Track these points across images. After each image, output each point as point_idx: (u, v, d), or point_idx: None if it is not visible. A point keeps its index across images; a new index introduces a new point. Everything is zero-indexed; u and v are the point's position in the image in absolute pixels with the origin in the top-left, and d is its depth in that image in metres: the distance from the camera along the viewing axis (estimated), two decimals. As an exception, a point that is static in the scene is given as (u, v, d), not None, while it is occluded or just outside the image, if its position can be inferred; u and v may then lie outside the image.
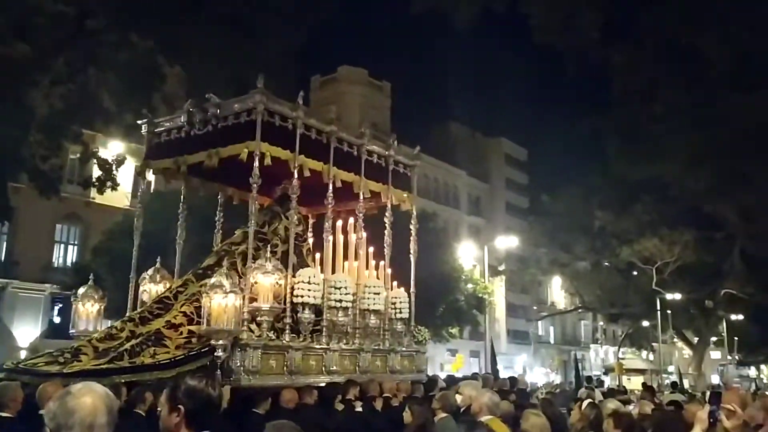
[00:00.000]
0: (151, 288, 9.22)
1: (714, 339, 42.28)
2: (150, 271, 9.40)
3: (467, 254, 33.01)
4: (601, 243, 33.99)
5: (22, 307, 29.56)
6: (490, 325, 35.87)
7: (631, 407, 9.17)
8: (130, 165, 29.05)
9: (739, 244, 30.82)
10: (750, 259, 30.97)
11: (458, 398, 6.38)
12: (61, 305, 30.83)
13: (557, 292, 56.47)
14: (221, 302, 6.84)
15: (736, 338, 43.02)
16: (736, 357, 45.87)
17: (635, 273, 33.70)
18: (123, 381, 6.49)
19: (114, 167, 19.76)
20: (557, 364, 56.23)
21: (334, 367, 8.16)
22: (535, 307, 55.24)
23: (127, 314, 8.64)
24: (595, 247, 34.37)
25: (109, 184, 19.81)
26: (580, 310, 46.06)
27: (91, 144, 20.47)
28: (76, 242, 32.37)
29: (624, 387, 21.80)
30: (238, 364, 6.94)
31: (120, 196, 28.60)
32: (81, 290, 8.94)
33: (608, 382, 32.19)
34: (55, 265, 31.39)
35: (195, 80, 18.88)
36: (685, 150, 26.67)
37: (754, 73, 23.36)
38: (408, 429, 6.00)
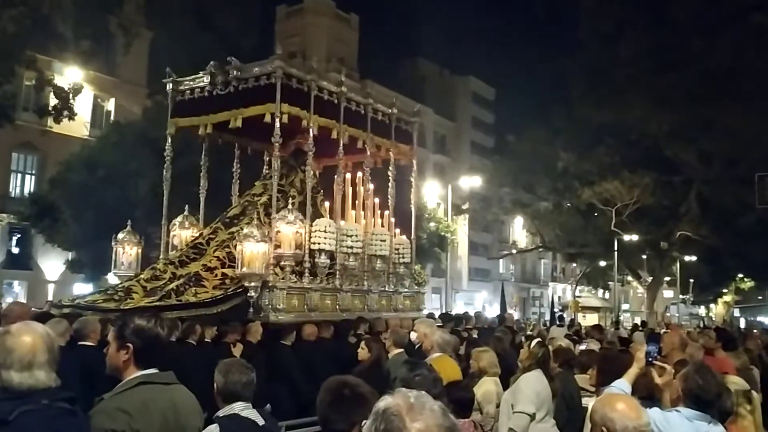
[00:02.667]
0: (180, 233, 10.11)
1: (667, 279, 43.66)
2: (179, 218, 10.24)
3: (431, 193, 33.16)
4: (563, 184, 34.34)
5: (-21, 236, 29.06)
6: (452, 262, 36.43)
7: (583, 346, 9.54)
8: (88, 94, 28.24)
9: (696, 188, 31.49)
10: (705, 203, 31.72)
11: (413, 335, 6.56)
12: (19, 235, 30.34)
13: (519, 231, 57.38)
14: (253, 249, 7.84)
15: (692, 280, 44.43)
16: (691, 298, 47.51)
17: (595, 214, 34.28)
18: (174, 316, 7.32)
19: (71, 96, 19.14)
20: (516, 301, 57.68)
21: (347, 306, 9.21)
22: (500, 246, 56.13)
23: (161, 257, 9.70)
24: (557, 188, 34.72)
25: (65, 113, 19.22)
26: (540, 250, 46.90)
27: (47, 71, 19.75)
28: (33, 172, 31.63)
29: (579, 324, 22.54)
30: (267, 302, 7.97)
31: (78, 126, 27.89)
32: (120, 235, 9.79)
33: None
34: (12, 195, 30.72)
35: (153, 6, 18.22)
36: (648, 94, 26.85)
37: (719, 17, 23.40)
38: (363, 364, 6.16)
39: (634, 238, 33.66)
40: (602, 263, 40.41)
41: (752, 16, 23.99)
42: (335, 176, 9.73)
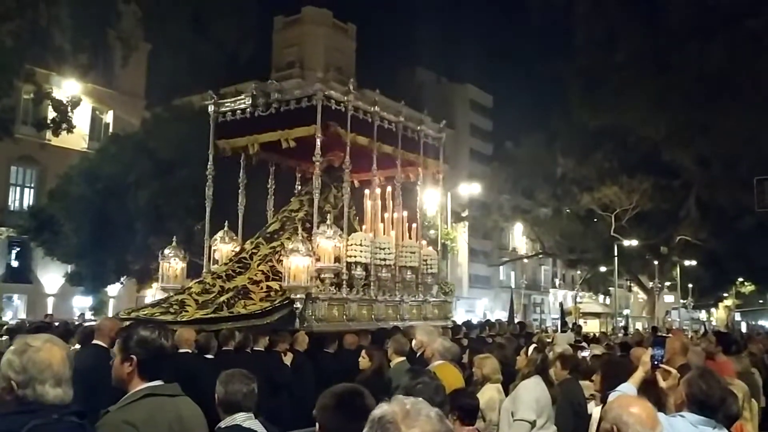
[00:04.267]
0: (221, 248, 10.55)
1: (668, 284, 43.58)
2: (220, 233, 10.70)
3: (431, 200, 33.07)
4: (562, 190, 34.39)
5: (-22, 250, 29.00)
6: (452, 270, 36.36)
7: (585, 353, 9.51)
8: (87, 106, 28.27)
9: (695, 192, 31.50)
10: (704, 207, 31.72)
11: (412, 343, 6.54)
12: (18, 249, 30.29)
13: (519, 238, 57.31)
14: (298, 263, 8.36)
15: (691, 285, 44.29)
16: (692, 302, 47.36)
17: (595, 220, 34.29)
18: (230, 327, 7.77)
19: (69, 108, 19.17)
20: (517, 308, 57.47)
21: (382, 316, 9.74)
22: (500, 253, 56.02)
23: (204, 270, 10.19)
24: (556, 194, 34.77)
25: (64, 125, 19.25)
26: (540, 256, 46.86)
27: (45, 84, 19.80)
28: (32, 185, 31.63)
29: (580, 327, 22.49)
30: (310, 313, 8.55)
31: (76, 138, 27.89)
32: (167, 251, 10.12)
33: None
34: (11, 208, 30.70)
35: (152, 18, 18.27)
36: (645, 98, 26.91)
37: (713, 21, 23.47)
38: (364, 372, 6.14)
39: (634, 243, 33.66)
40: (603, 269, 40.35)
41: (747, 21, 24.07)
42: (364, 190, 10.25)
